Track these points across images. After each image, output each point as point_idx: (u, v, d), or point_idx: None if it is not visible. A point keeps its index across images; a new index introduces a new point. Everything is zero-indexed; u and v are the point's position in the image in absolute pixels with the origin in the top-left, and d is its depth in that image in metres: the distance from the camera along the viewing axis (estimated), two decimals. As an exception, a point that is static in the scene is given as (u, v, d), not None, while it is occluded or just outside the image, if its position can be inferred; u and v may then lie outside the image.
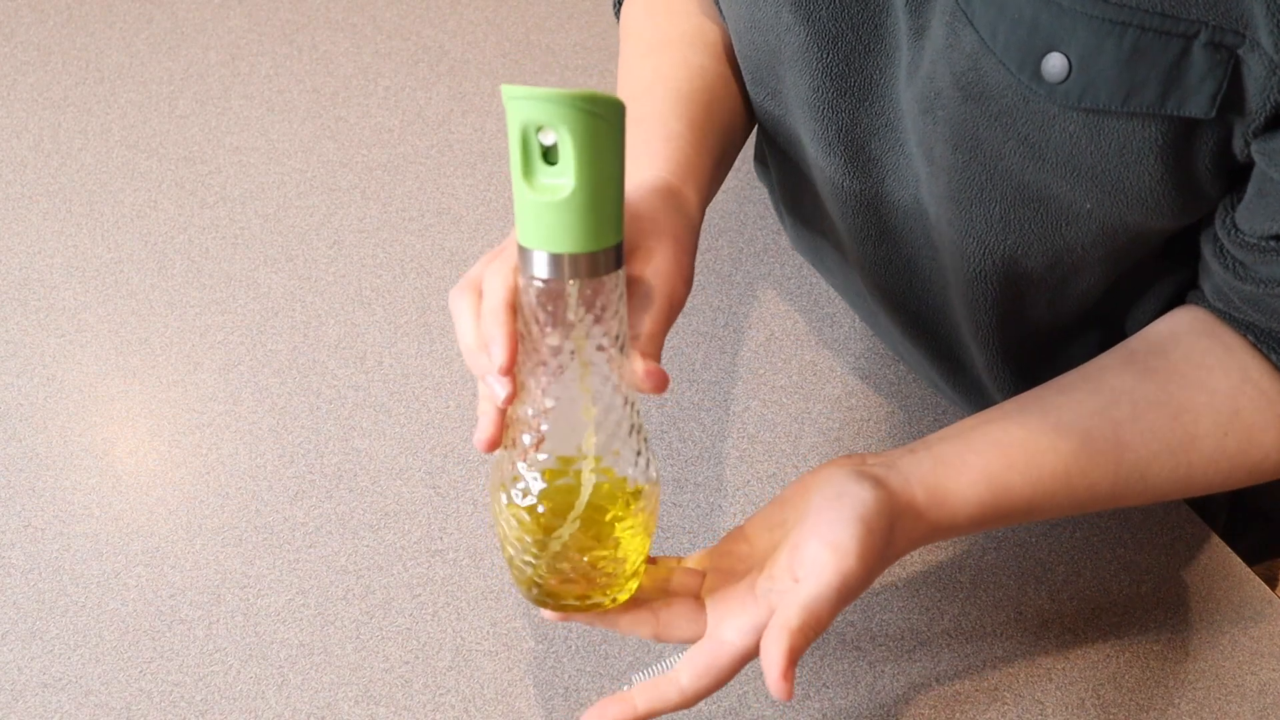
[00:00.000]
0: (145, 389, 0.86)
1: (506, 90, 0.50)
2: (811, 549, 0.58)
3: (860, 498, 0.59)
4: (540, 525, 0.57)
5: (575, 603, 0.59)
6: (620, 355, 0.56)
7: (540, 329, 0.54)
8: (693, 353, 0.89)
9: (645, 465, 0.58)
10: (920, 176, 0.68)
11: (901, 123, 0.67)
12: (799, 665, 0.71)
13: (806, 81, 0.68)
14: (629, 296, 0.57)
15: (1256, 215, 0.60)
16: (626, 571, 0.59)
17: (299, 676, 0.71)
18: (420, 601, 0.74)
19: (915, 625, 0.73)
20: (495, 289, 0.56)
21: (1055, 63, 0.57)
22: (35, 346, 0.89)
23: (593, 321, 0.54)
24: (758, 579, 0.61)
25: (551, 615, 0.61)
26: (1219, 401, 0.64)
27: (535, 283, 0.53)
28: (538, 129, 0.50)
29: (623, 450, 0.57)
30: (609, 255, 0.53)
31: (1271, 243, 0.60)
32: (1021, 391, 0.78)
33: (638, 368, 0.56)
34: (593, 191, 0.51)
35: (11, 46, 1.15)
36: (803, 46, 0.67)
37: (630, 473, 0.57)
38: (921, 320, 0.78)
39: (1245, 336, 0.65)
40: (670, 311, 0.58)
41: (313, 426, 0.84)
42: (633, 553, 0.59)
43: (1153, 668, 0.72)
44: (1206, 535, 0.78)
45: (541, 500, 0.56)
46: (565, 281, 0.53)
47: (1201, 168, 0.59)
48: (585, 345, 0.54)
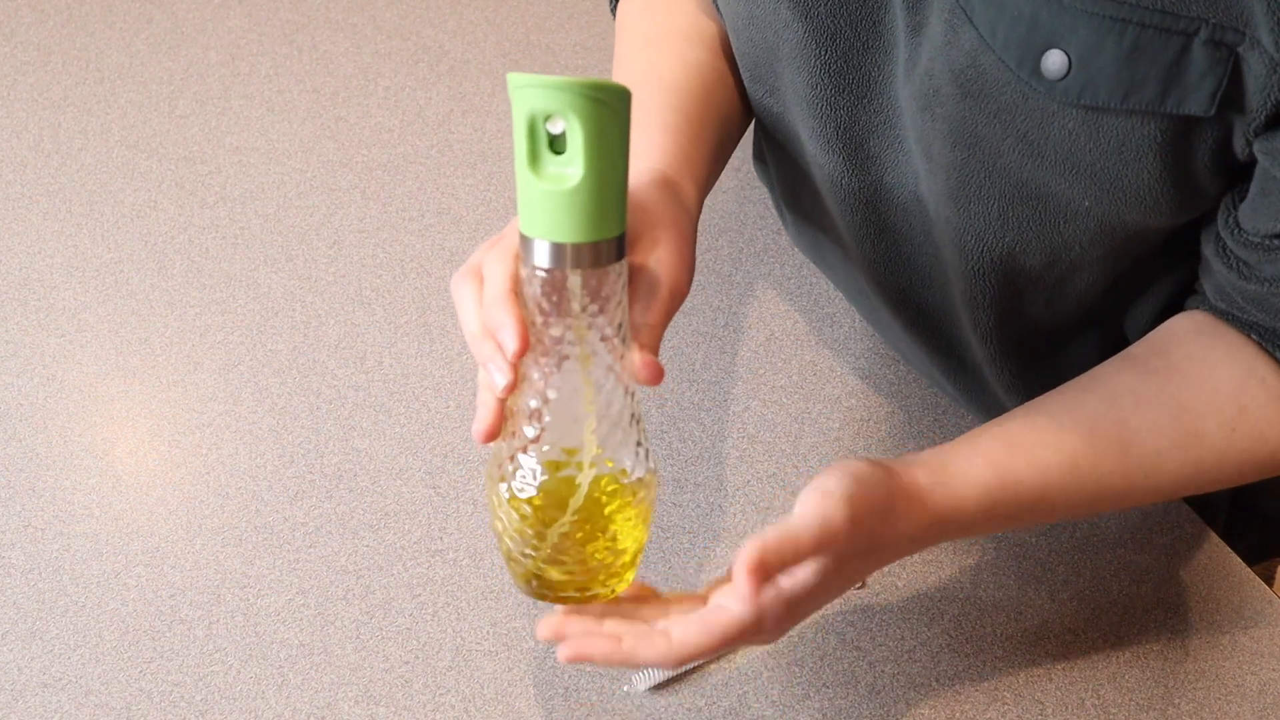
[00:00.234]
0: (145, 389, 0.86)
1: (513, 79, 0.49)
2: (802, 496, 0.58)
3: (857, 464, 0.60)
4: (540, 517, 0.56)
5: (575, 594, 0.59)
6: (622, 346, 0.55)
7: (543, 319, 0.54)
8: (693, 353, 0.89)
9: (645, 456, 0.58)
10: (919, 173, 0.68)
11: (900, 120, 0.67)
12: (798, 665, 0.71)
13: (805, 79, 0.68)
14: (631, 287, 0.57)
15: (1260, 214, 0.60)
16: (625, 562, 0.59)
17: (299, 676, 0.71)
18: (420, 601, 0.74)
19: (915, 625, 0.73)
20: (498, 276, 0.56)
21: (1055, 60, 0.57)
22: (35, 346, 0.89)
23: (595, 312, 0.54)
24: None
25: (552, 631, 0.60)
26: (1223, 399, 0.64)
27: (538, 272, 0.53)
28: (546, 117, 0.50)
29: (623, 441, 0.57)
30: (612, 245, 0.53)
31: (1275, 241, 0.60)
32: (1023, 389, 0.78)
33: (635, 359, 0.56)
34: (600, 180, 0.50)
35: (11, 46, 1.15)
36: (801, 43, 0.67)
37: (630, 463, 0.57)
38: (923, 316, 0.78)
39: (1249, 336, 0.65)
40: (672, 302, 0.58)
41: (313, 426, 0.84)
42: (631, 543, 0.59)
43: (1153, 668, 0.72)
44: (1206, 535, 0.78)
45: (542, 492, 0.56)
46: (569, 271, 0.52)
47: (1200, 166, 0.59)
48: (587, 335, 0.54)
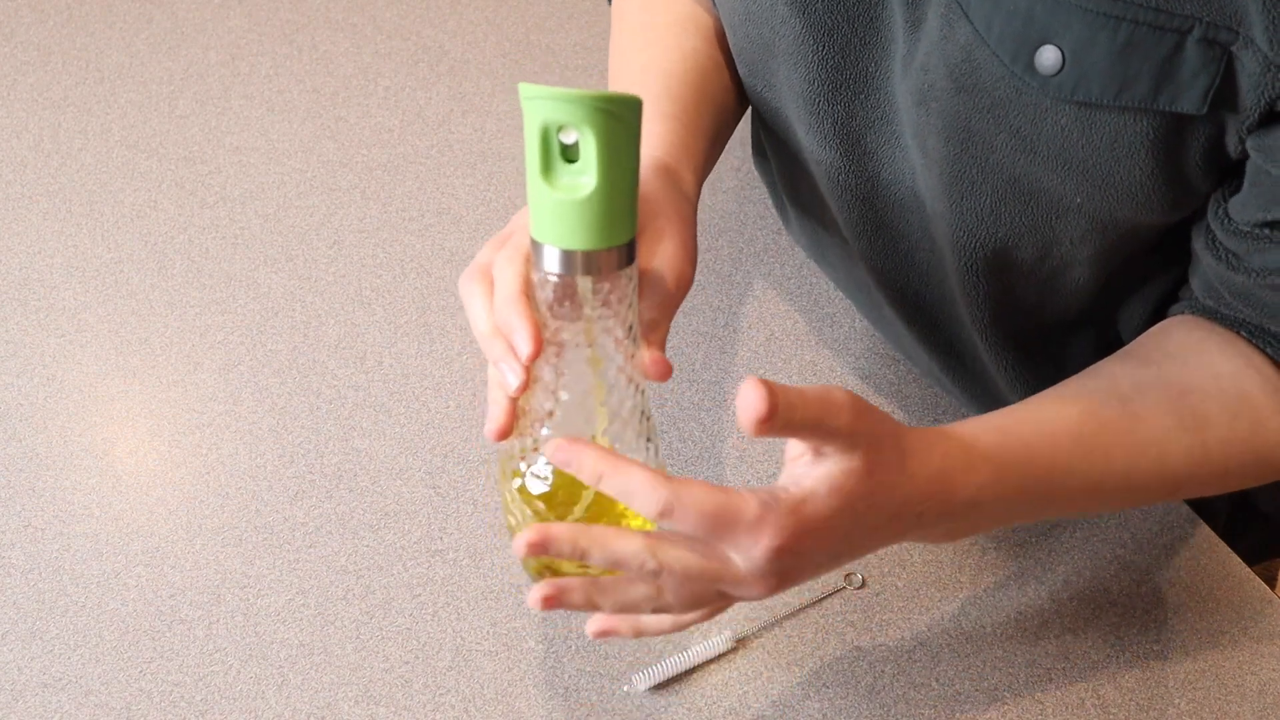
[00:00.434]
0: (145, 389, 0.86)
1: (525, 89, 0.50)
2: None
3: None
4: (554, 513, 0.57)
5: None
6: (632, 344, 0.56)
7: (554, 322, 0.54)
8: (693, 353, 0.89)
9: (655, 453, 0.58)
10: (915, 169, 0.68)
11: (896, 115, 0.67)
12: (798, 665, 0.71)
13: (801, 74, 0.69)
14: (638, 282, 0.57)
15: (1249, 204, 0.60)
16: None
17: (299, 676, 0.71)
18: (420, 601, 0.74)
19: (915, 625, 0.73)
20: (508, 278, 0.55)
21: (1049, 55, 0.57)
22: (35, 346, 0.89)
23: (606, 315, 0.54)
24: None
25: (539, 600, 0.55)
26: (1224, 384, 0.63)
27: (550, 278, 0.53)
28: (559, 128, 0.50)
29: (634, 439, 0.57)
30: (623, 251, 0.53)
31: (1264, 230, 0.60)
32: (1024, 385, 0.78)
33: (644, 357, 0.56)
34: (612, 189, 0.51)
35: (11, 46, 1.15)
36: (798, 39, 0.67)
37: (641, 459, 0.57)
38: (923, 312, 0.78)
39: (1239, 333, 0.65)
40: (678, 295, 0.58)
41: (313, 426, 0.84)
42: None
43: (1153, 668, 0.72)
44: (1206, 535, 0.78)
45: (554, 489, 0.57)
46: (580, 277, 0.53)
47: (1192, 163, 0.59)
48: (598, 338, 0.55)
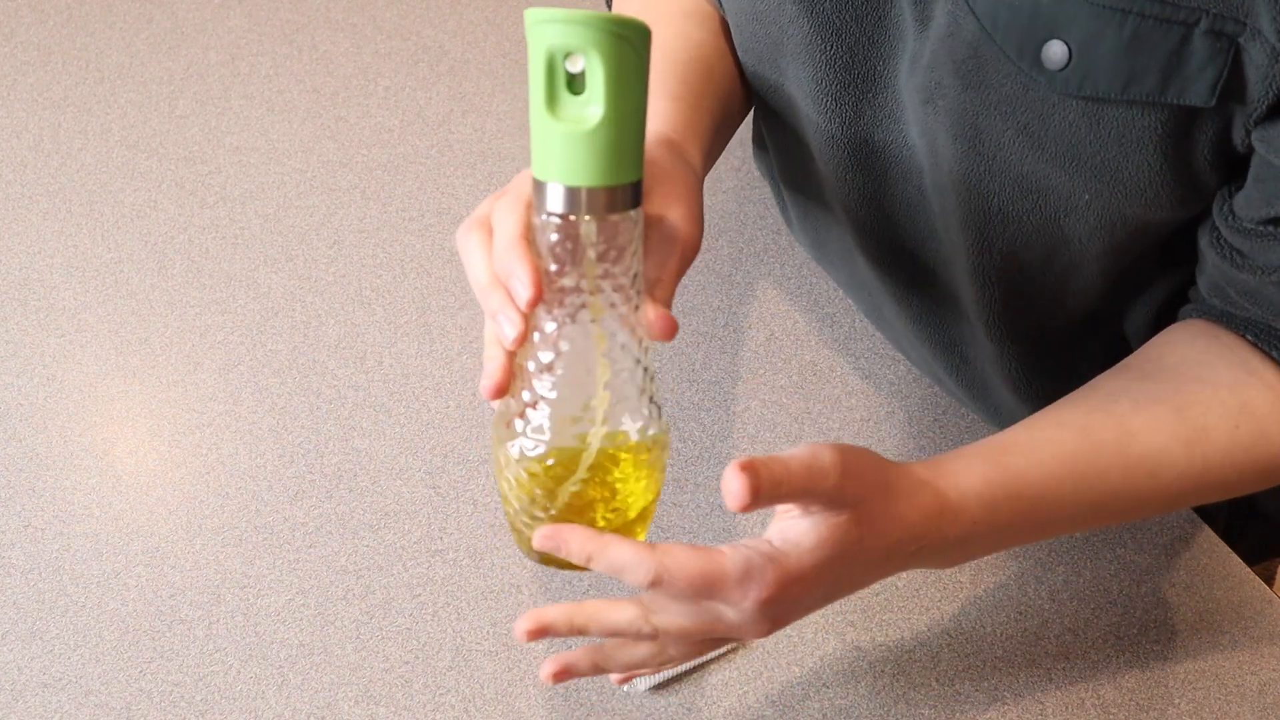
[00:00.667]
0: (145, 389, 0.86)
1: (531, 14, 0.48)
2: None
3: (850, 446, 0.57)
4: (550, 475, 0.54)
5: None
6: (637, 297, 0.54)
7: (556, 268, 0.52)
8: (693, 353, 0.89)
9: (657, 413, 0.56)
10: (923, 168, 0.68)
11: (904, 114, 0.67)
12: (798, 665, 0.71)
13: (809, 73, 0.68)
14: (643, 241, 0.55)
15: (1254, 201, 0.60)
16: (635, 525, 0.57)
17: (299, 676, 0.71)
18: (420, 601, 0.74)
19: (915, 625, 0.73)
20: (508, 224, 0.54)
21: (1055, 50, 0.57)
22: (35, 346, 0.89)
23: (611, 261, 0.52)
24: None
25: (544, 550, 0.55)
26: (1224, 394, 0.63)
27: (552, 218, 0.51)
28: (565, 55, 0.48)
29: (637, 397, 0.55)
30: (629, 191, 0.51)
31: (1268, 227, 0.60)
32: (1028, 386, 0.78)
33: (649, 314, 0.54)
34: (619, 120, 0.49)
35: (11, 46, 1.15)
36: (806, 39, 0.67)
37: (643, 420, 0.55)
38: (926, 311, 0.78)
39: (1244, 336, 0.64)
40: (686, 256, 0.57)
41: (313, 426, 0.84)
42: (642, 505, 0.57)
43: (1153, 668, 0.72)
44: (1206, 535, 0.78)
45: (552, 450, 0.54)
46: (584, 217, 0.51)
47: (1200, 157, 0.59)
48: (602, 286, 0.52)
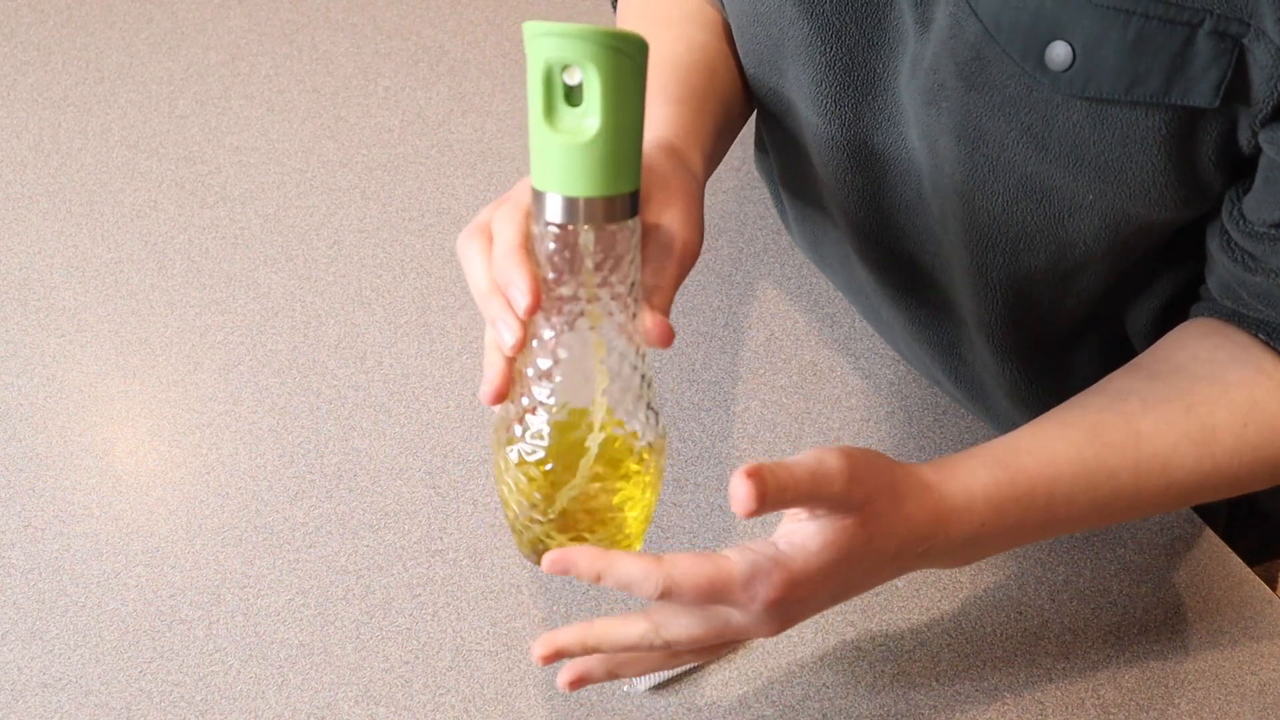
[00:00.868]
0: (145, 389, 0.86)
1: (529, 27, 0.48)
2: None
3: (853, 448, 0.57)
4: (550, 481, 0.55)
5: None
6: (635, 305, 0.54)
7: (554, 276, 0.52)
8: (693, 353, 0.89)
9: (655, 419, 0.56)
10: (923, 170, 0.68)
11: (904, 117, 0.67)
12: (798, 665, 0.71)
13: (810, 75, 0.68)
14: (642, 247, 0.55)
15: (1264, 203, 0.59)
16: (633, 529, 0.57)
17: (299, 676, 0.71)
18: (420, 601, 0.74)
19: (915, 625, 0.73)
20: (507, 233, 0.54)
21: (1059, 51, 0.57)
22: (35, 346, 0.89)
23: (608, 270, 0.52)
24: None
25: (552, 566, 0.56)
26: (1234, 393, 0.63)
27: (551, 228, 0.52)
28: (563, 68, 0.49)
29: (634, 403, 0.55)
30: (627, 201, 0.52)
31: (1279, 231, 0.60)
32: (1027, 389, 0.78)
33: (646, 321, 0.55)
34: (616, 132, 0.49)
35: (11, 46, 1.15)
36: (806, 40, 0.67)
37: (640, 425, 0.56)
38: (925, 314, 0.78)
39: (1256, 335, 0.64)
40: (684, 263, 0.57)
41: (313, 426, 0.84)
42: (640, 509, 0.57)
43: (1153, 668, 0.72)
44: (1206, 535, 0.78)
45: (551, 454, 0.54)
46: (582, 227, 0.51)
47: (1204, 158, 0.59)
48: (599, 294, 0.53)
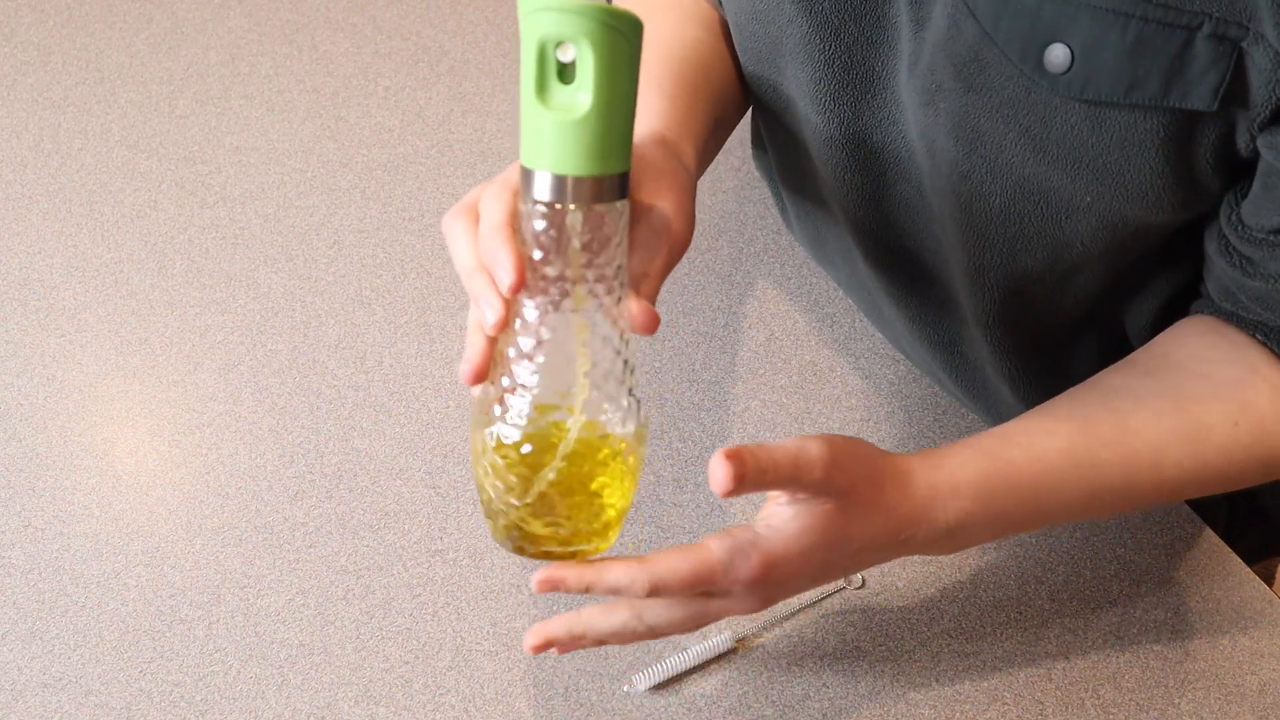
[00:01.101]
0: (145, 389, 0.86)
1: (525, 3, 0.48)
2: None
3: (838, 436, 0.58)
4: (527, 463, 0.54)
5: (557, 549, 0.57)
6: (620, 289, 0.54)
7: (540, 256, 0.52)
8: (693, 353, 0.89)
9: (636, 407, 0.56)
10: (922, 170, 0.68)
11: (903, 115, 0.67)
12: (799, 665, 0.71)
13: (808, 74, 0.68)
14: (631, 234, 0.55)
15: (1263, 209, 0.60)
16: (610, 517, 0.57)
17: (299, 676, 0.71)
18: (420, 601, 0.74)
19: (915, 625, 0.73)
20: (494, 211, 0.54)
21: (1058, 53, 0.57)
22: (35, 346, 0.89)
23: (595, 251, 0.52)
24: None
25: (543, 583, 0.57)
26: (1226, 392, 0.63)
27: (538, 206, 0.51)
28: (556, 44, 0.48)
29: (616, 388, 0.55)
30: (615, 182, 0.51)
31: (1278, 237, 0.60)
32: (1027, 385, 0.78)
33: (631, 307, 0.54)
34: (607, 110, 0.49)
35: (11, 46, 1.15)
36: (804, 39, 0.67)
37: (621, 412, 0.55)
38: (925, 312, 0.78)
39: (1254, 336, 0.64)
40: (673, 253, 0.57)
41: (313, 426, 0.84)
42: (618, 498, 0.57)
43: (1153, 668, 0.72)
44: (1206, 535, 0.78)
45: (529, 437, 0.54)
46: (570, 206, 0.51)
47: (1202, 161, 0.59)
48: (585, 275, 0.52)
